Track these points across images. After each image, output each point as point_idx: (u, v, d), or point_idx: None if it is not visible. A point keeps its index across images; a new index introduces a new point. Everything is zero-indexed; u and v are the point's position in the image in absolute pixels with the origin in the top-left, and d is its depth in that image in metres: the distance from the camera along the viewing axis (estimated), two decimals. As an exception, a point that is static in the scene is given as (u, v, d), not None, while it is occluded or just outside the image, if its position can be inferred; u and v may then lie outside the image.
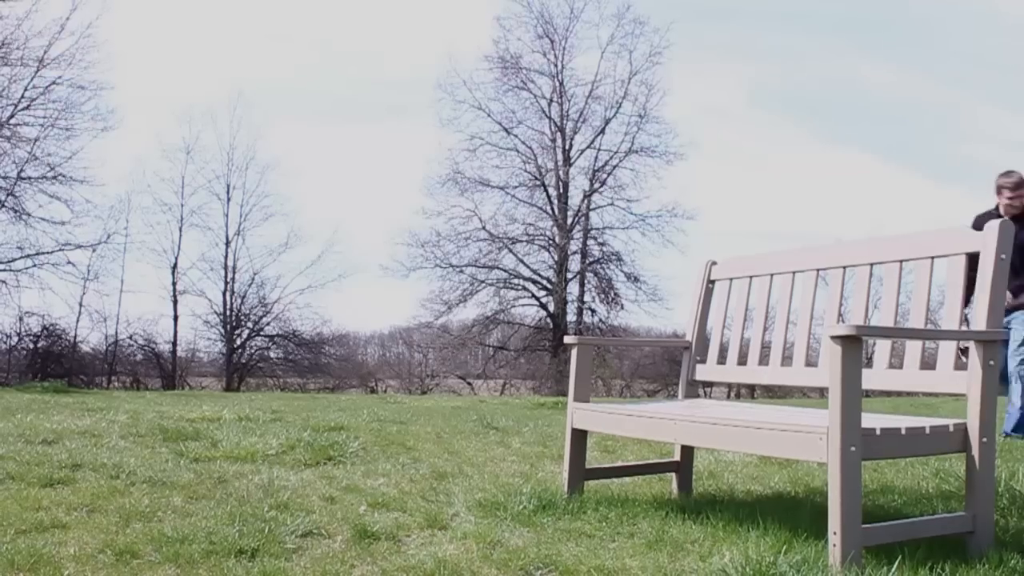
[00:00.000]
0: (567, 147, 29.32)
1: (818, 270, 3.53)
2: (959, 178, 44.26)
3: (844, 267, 3.39)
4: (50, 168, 21.82)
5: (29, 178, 21.76)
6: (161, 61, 39.56)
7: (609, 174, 29.43)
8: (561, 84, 29.38)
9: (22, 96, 21.25)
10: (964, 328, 2.91)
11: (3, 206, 21.46)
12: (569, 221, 29.17)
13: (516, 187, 29.48)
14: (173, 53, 39.90)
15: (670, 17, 42.60)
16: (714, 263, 4.02)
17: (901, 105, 41.07)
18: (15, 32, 20.67)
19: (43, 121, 21.77)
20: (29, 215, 21.99)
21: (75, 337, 24.45)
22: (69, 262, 22.97)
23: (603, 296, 29.96)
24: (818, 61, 40.80)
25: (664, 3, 40.88)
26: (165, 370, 25.76)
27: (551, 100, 29.42)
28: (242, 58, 41.09)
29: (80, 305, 24.16)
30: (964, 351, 2.86)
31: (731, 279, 3.93)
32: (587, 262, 29.88)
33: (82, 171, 22.14)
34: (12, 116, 21.15)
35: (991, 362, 2.72)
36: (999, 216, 5.98)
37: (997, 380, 2.76)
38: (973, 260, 2.98)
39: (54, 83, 21.60)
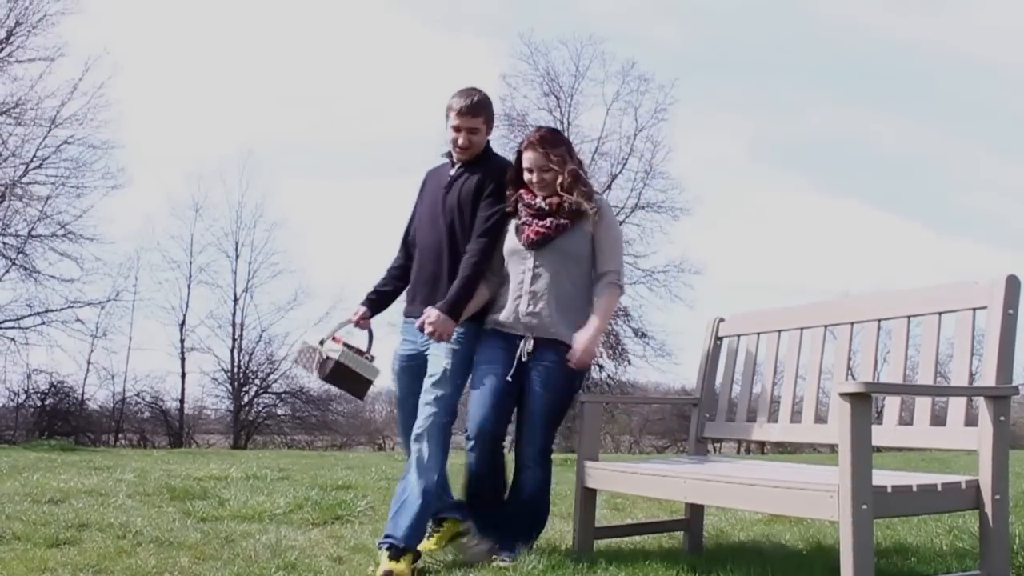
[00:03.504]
0: (573, 203, 29.44)
1: (826, 326, 3.54)
2: (961, 228, 44.51)
3: (852, 323, 3.40)
4: (60, 226, 22.03)
5: (40, 236, 21.96)
6: (171, 120, 40.26)
7: (616, 230, 29.51)
8: (567, 141, 29.64)
9: (34, 155, 21.58)
10: (968, 384, 2.90)
11: (14, 264, 21.63)
12: (576, 276, 29.15)
13: (524, 243, 29.54)
14: (183, 112, 40.64)
15: (673, 72, 43.29)
16: (722, 320, 4.02)
17: (902, 156, 41.55)
18: (28, 92, 21.09)
19: (54, 180, 22.08)
20: (39, 273, 22.17)
21: (82, 395, 24.52)
22: (78, 319, 23.10)
23: (611, 351, 29.81)
24: (819, 113, 41.36)
25: (667, 58, 41.59)
26: (172, 428, 25.70)
27: (558, 157, 29.62)
28: (251, 117, 41.78)
29: (88, 362, 24.30)
30: None
31: (739, 335, 3.93)
32: (594, 317, 29.77)
33: (92, 229, 22.37)
34: (24, 175, 21.43)
35: (1002, 418, 2.70)
36: None
37: (1008, 436, 2.74)
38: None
39: (66, 142, 21.93)
